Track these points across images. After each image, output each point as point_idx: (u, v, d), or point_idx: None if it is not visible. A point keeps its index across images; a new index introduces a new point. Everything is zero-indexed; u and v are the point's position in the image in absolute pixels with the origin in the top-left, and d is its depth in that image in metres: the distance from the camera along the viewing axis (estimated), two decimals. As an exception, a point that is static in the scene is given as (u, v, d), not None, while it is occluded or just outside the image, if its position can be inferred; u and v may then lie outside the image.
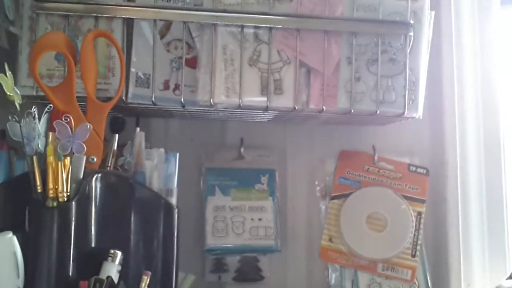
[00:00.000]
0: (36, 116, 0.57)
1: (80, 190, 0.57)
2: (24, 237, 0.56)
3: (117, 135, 0.66)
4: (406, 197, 0.81)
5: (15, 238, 0.55)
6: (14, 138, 0.57)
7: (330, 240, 0.81)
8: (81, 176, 0.58)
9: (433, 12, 0.73)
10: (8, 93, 0.56)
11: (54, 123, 0.58)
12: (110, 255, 0.58)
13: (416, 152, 0.85)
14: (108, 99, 0.63)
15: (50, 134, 0.58)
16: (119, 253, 0.59)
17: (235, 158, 0.82)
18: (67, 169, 0.56)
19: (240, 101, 0.66)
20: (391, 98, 0.69)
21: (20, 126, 0.57)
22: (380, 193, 0.81)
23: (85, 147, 0.58)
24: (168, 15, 0.65)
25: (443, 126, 0.85)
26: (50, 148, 0.56)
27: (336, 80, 0.68)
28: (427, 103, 0.73)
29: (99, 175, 0.60)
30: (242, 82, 0.66)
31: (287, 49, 0.67)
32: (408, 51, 0.69)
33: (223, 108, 0.67)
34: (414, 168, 0.83)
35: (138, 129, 0.68)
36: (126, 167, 0.65)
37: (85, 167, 0.59)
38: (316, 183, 0.84)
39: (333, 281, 0.81)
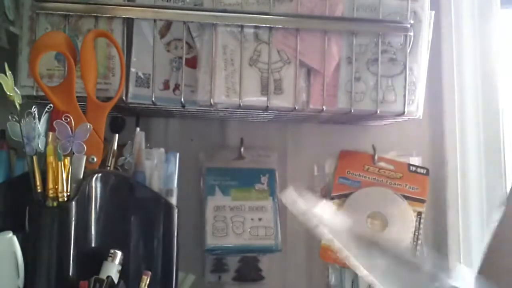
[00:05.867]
0: (36, 116, 0.57)
1: (80, 190, 0.57)
2: (24, 237, 0.56)
3: (117, 135, 0.66)
4: (406, 197, 0.81)
5: (15, 238, 0.55)
6: (14, 138, 0.58)
7: (330, 240, 0.80)
8: (81, 176, 0.59)
9: (433, 12, 0.73)
10: (8, 93, 0.56)
11: (54, 123, 0.58)
12: (110, 255, 0.58)
13: (416, 152, 0.85)
14: (108, 99, 0.63)
15: (50, 134, 0.58)
16: (119, 253, 0.59)
17: (235, 158, 0.82)
18: (67, 169, 0.56)
19: (240, 101, 0.66)
20: (391, 98, 0.69)
21: (20, 126, 0.57)
22: (380, 193, 0.81)
23: (85, 147, 0.58)
24: (168, 15, 0.65)
25: (443, 126, 0.85)
26: (50, 148, 0.56)
27: (336, 80, 0.68)
28: (427, 103, 0.73)
29: (99, 175, 0.60)
30: (242, 82, 0.66)
31: (287, 49, 0.67)
32: (408, 51, 0.69)
33: (223, 108, 0.67)
34: (414, 168, 0.82)
35: (138, 129, 0.68)
36: (126, 167, 0.65)
37: (85, 167, 0.59)
38: (316, 183, 0.84)
39: (333, 281, 0.81)
